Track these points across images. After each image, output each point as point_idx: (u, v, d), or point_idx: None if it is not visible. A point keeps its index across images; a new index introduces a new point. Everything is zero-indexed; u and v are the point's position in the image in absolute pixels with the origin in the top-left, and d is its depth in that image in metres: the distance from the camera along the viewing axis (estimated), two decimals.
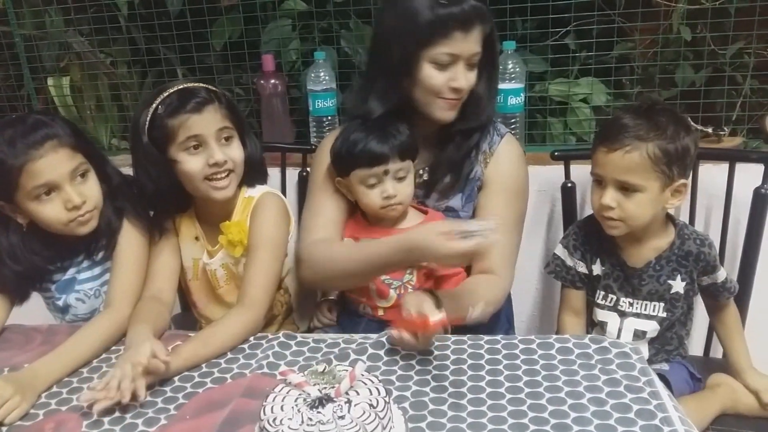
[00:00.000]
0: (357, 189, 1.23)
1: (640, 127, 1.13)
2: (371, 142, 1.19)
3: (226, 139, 1.20)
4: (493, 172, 1.28)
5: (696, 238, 1.24)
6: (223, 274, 1.30)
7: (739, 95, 1.68)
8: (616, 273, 1.26)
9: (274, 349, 1.09)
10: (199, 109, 1.16)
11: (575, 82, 1.73)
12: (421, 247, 1.05)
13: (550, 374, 0.98)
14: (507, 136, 1.31)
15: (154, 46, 1.97)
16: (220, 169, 1.19)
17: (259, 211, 1.24)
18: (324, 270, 1.21)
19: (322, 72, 1.72)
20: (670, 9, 1.64)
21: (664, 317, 1.25)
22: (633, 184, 1.14)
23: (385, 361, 1.05)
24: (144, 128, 1.16)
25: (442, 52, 1.16)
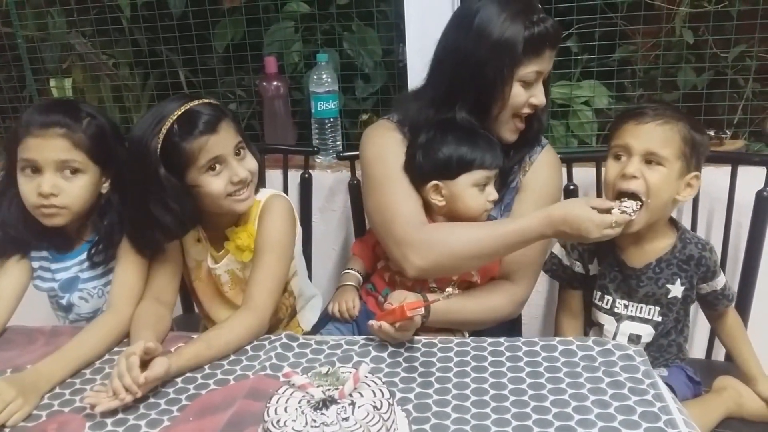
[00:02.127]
0: (465, 191, 1.21)
1: (670, 109, 1.18)
2: (487, 149, 1.21)
3: (240, 152, 1.19)
4: (531, 180, 1.30)
5: (698, 243, 1.24)
6: (228, 279, 1.29)
7: (741, 98, 1.69)
8: (613, 273, 1.26)
9: (276, 350, 1.09)
10: (214, 129, 1.13)
11: (577, 84, 1.73)
12: (572, 218, 1.07)
13: (553, 376, 0.98)
14: (548, 145, 1.34)
15: (156, 47, 1.97)
16: (241, 186, 1.18)
17: (267, 213, 1.23)
18: (450, 250, 1.15)
19: (324, 74, 1.73)
20: (673, 12, 1.64)
21: (659, 321, 1.24)
22: (662, 157, 1.14)
23: (389, 363, 1.05)
24: (158, 158, 1.11)
25: (532, 70, 1.20)
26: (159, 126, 1.12)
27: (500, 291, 1.26)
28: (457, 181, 1.21)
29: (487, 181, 1.22)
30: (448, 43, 1.25)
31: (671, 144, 1.15)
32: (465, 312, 1.22)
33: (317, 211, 1.75)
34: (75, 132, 1.18)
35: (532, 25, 1.16)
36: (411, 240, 1.17)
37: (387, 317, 1.06)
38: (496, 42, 1.17)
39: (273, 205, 1.25)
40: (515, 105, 1.22)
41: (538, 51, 1.18)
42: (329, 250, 1.80)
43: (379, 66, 1.85)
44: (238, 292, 1.29)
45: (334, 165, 1.77)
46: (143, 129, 1.13)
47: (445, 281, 1.25)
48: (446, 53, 1.25)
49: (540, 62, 1.19)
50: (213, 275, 1.30)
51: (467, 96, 1.22)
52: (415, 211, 1.21)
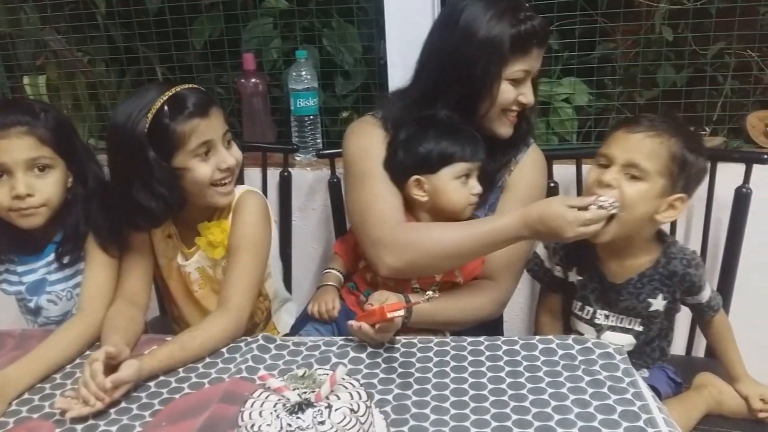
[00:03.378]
0: (448, 185, 1.19)
1: (667, 123, 1.13)
2: (467, 141, 1.20)
3: (228, 142, 1.17)
4: (515, 179, 1.29)
5: (683, 258, 1.18)
6: (198, 277, 1.26)
7: (720, 95, 1.69)
8: (593, 284, 1.23)
9: (253, 352, 1.07)
10: (206, 113, 1.11)
11: (557, 82, 1.72)
12: (547, 217, 1.04)
13: (533, 376, 0.97)
14: (533, 145, 1.33)
15: (132, 44, 1.93)
16: (228, 174, 1.16)
17: (241, 210, 1.21)
18: (427, 252, 1.14)
19: (303, 71, 1.71)
20: (652, 9, 1.65)
21: (641, 331, 1.23)
22: (642, 169, 1.08)
23: (367, 364, 1.03)
24: (145, 140, 1.09)
25: (521, 69, 1.18)
26: (146, 109, 1.09)
27: (483, 291, 1.25)
28: (438, 174, 1.20)
29: (469, 173, 1.21)
30: (434, 42, 1.24)
31: (656, 158, 1.09)
32: (448, 313, 1.21)
33: (297, 210, 1.73)
34: (37, 128, 1.15)
35: (519, 23, 1.15)
36: (385, 240, 1.16)
37: (367, 318, 1.04)
38: (482, 40, 1.15)
39: (247, 202, 1.22)
40: (504, 103, 1.20)
41: (526, 49, 1.17)
42: (309, 250, 1.78)
43: (359, 63, 1.83)
44: (209, 292, 1.27)
45: (314, 163, 1.75)
46: (127, 114, 1.10)
47: (428, 281, 1.24)
48: (432, 52, 1.24)
49: (528, 61, 1.18)
50: (183, 273, 1.27)
51: (454, 94, 1.20)
52: (392, 211, 1.20)
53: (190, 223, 1.23)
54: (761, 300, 1.57)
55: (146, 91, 1.12)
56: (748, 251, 1.44)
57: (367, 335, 1.05)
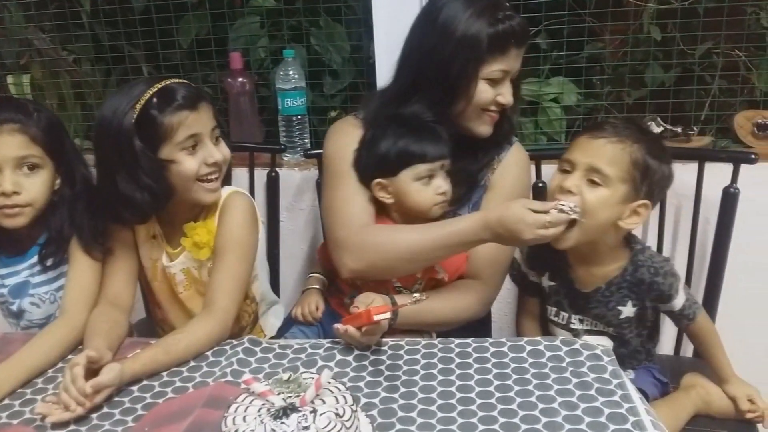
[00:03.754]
0: (409, 187, 1.18)
1: (630, 129, 1.12)
2: (427, 141, 1.17)
3: (217, 138, 1.17)
4: (499, 178, 1.28)
5: (651, 266, 1.15)
6: (183, 279, 1.24)
7: (708, 95, 1.69)
8: (565, 290, 1.23)
9: (238, 356, 1.05)
10: (195, 106, 1.11)
11: (546, 81, 1.72)
12: (506, 219, 1.03)
13: (521, 378, 0.96)
14: (516, 143, 1.32)
15: (118, 43, 1.91)
16: (215, 169, 1.15)
17: (228, 211, 1.19)
18: (386, 254, 1.14)
19: (291, 70, 1.69)
20: (640, 9, 1.64)
21: (615, 336, 1.21)
22: (603, 175, 1.07)
23: (354, 366, 1.02)
24: (132, 131, 1.08)
25: (498, 69, 1.17)
26: (135, 100, 1.09)
27: (470, 291, 1.24)
28: (398, 177, 1.18)
29: (431, 174, 1.18)
30: (413, 40, 1.23)
31: (618, 164, 1.08)
32: (434, 313, 1.20)
33: (284, 211, 1.72)
34: (29, 127, 1.15)
35: (497, 23, 1.14)
36: (347, 242, 1.16)
37: (353, 321, 1.03)
38: (460, 38, 1.14)
39: (234, 203, 1.21)
40: (481, 102, 1.19)
41: (504, 49, 1.16)
42: (297, 250, 1.77)
43: (347, 62, 1.82)
44: (194, 294, 1.25)
45: (302, 163, 1.73)
46: (114, 107, 1.10)
47: (410, 280, 1.22)
48: (411, 49, 1.23)
49: (506, 61, 1.17)
50: (167, 275, 1.25)
51: (430, 93, 1.19)
52: (358, 213, 1.19)
53: (175, 224, 1.22)
54: (749, 300, 1.58)
55: (135, 85, 1.12)
56: (736, 251, 1.44)
57: (353, 338, 1.04)
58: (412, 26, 1.24)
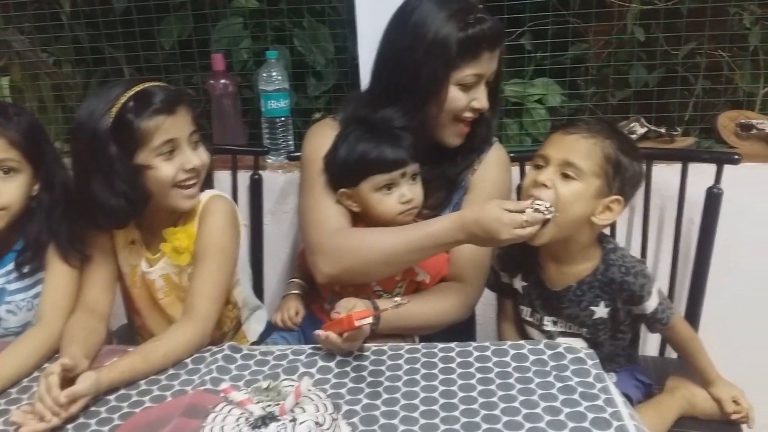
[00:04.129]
0: (371, 197, 1.17)
1: (604, 127, 1.13)
2: (385, 149, 1.15)
3: (195, 143, 1.15)
4: (479, 178, 1.27)
5: (622, 266, 1.15)
6: (163, 285, 1.22)
7: (692, 95, 1.70)
8: (537, 292, 1.23)
9: (218, 363, 1.03)
10: (173, 110, 1.09)
11: (530, 83, 1.71)
12: (482, 219, 1.02)
13: (504, 383, 0.96)
14: (496, 143, 1.31)
15: (99, 45, 1.89)
16: (192, 175, 1.13)
17: (208, 215, 1.18)
18: (361, 258, 1.12)
19: (274, 72, 1.67)
20: (624, 9, 1.64)
21: (589, 338, 1.21)
22: (577, 168, 1.08)
23: (336, 373, 1.01)
24: (108, 135, 1.06)
25: (470, 73, 1.15)
26: (111, 104, 1.06)
27: (452, 294, 1.23)
28: (359, 188, 1.17)
29: (391, 182, 1.17)
30: (386, 42, 1.21)
31: (591, 158, 1.09)
32: (417, 317, 1.19)
33: (268, 214, 1.70)
34: (8, 130, 1.13)
35: (467, 27, 1.12)
36: (321, 247, 1.15)
37: (334, 327, 1.02)
38: (430, 43, 1.13)
39: (215, 207, 1.19)
40: (454, 109, 1.18)
41: (475, 53, 1.14)
42: (281, 253, 1.75)
43: (331, 63, 1.80)
44: (174, 300, 1.23)
45: (286, 165, 1.71)
46: (91, 110, 1.08)
47: (390, 284, 1.21)
48: (385, 52, 1.21)
49: (478, 65, 1.15)
50: (147, 281, 1.23)
51: (403, 98, 1.18)
52: (332, 217, 1.18)
53: (154, 229, 1.20)
54: (733, 300, 1.58)
55: (113, 87, 1.10)
56: (720, 251, 1.45)
57: (334, 344, 1.02)
58: (387, 27, 1.22)
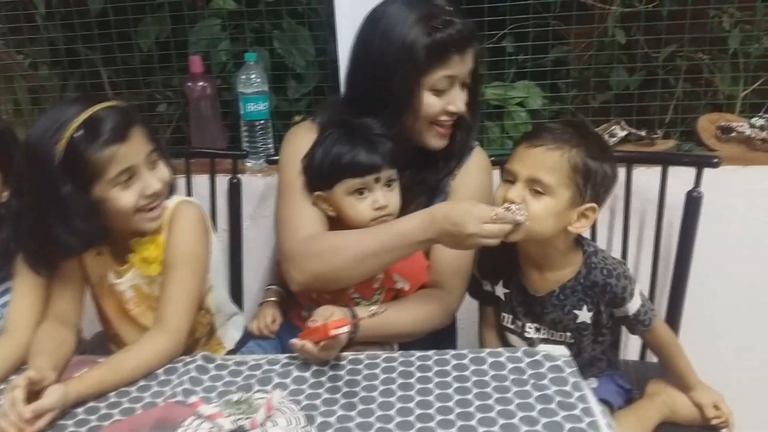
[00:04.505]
0: (343, 201, 1.15)
1: (568, 133, 1.10)
2: (360, 152, 1.13)
3: (153, 162, 1.10)
4: (460, 183, 1.26)
5: (603, 269, 1.14)
6: (133, 296, 1.20)
7: (672, 98, 1.69)
8: (519, 298, 1.22)
9: (190, 374, 1.01)
10: (124, 137, 1.03)
11: (511, 85, 1.70)
12: (453, 213, 1.00)
13: (481, 392, 0.95)
14: (477, 148, 1.29)
15: (75, 46, 1.85)
16: (154, 199, 1.10)
17: (176, 223, 1.15)
18: (329, 263, 1.10)
19: (253, 74, 1.65)
20: (605, 12, 1.64)
21: (572, 343, 1.20)
22: (545, 184, 1.06)
23: (311, 383, 0.99)
24: (59, 170, 1.00)
25: (441, 76, 1.14)
26: (59, 133, 1.00)
27: (433, 300, 1.22)
28: (333, 190, 1.16)
29: (364, 187, 1.15)
30: (357, 48, 1.20)
31: (557, 172, 1.07)
32: (396, 325, 1.17)
33: (248, 218, 1.68)
34: None
35: (434, 31, 1.11)
36: (292, 254, 1.13)
37: (310, 336, 1.00)
38: (398, 49, 1.12)
39: (182, 213, 1.16)
40: (429, 115, 1.17)
41: (443, 57, 1.13)
42: (261, 259, 1.73)
43: (312, 66, 1.78)
44: (145, 310, 1.20)
45: (265, 169, 1.69)
46: (40, 134, 1.02)
47: (368, 291, 1.19)
48: (356, 59, 1.20)
49: (448, 68, 1.14)
50: (116, 292, 1.20)
51: (380, 107, 1.16)
52: (305, 224, 1.16)
53: (121, 240, 1.16)
54: (714, 303, 1.58)
55: (62, 110, 1.04)
56: (700, 255, 1.44)
57: (310, 354, 1.00)
58: (357, 33, 1.21)
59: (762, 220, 1.55)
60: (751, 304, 1.61)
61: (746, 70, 1.65)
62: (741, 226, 1.55)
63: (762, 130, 1.61)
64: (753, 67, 1.65)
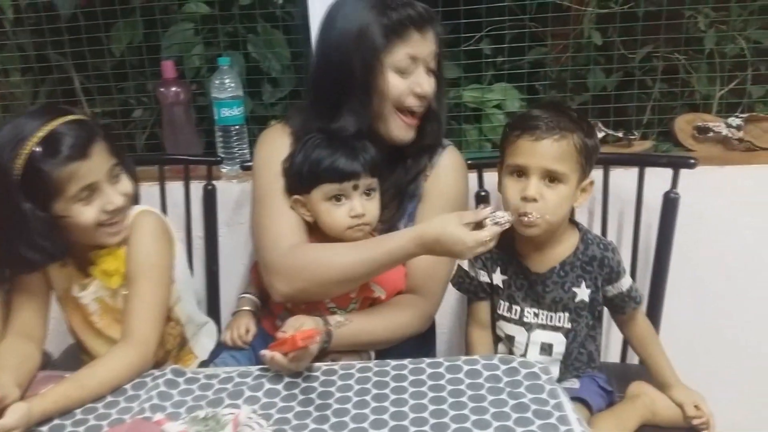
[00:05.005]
0: (320, 207, 1.13)
1: (564, 119, 1.13)
2: (340, 158, 1.11)
3: (115, 177, 1.08)
4: (433, 185, 1.24)
5: (599, 243, 1.21)
6: (97, 308, 1.17)
7: (650, 99, 1.69)
8: (519, 282, 1.22)
9: (159, 388, 0.98)
10: (85, 153, 1.01)
11: (488, 88, 1.69)
12: (445, 239, 1.01)
13: (456, 401, 0.93)
14: (449, 147, 1.27)
15: (46, 52, 1.82)
16: (115, 214, 1.08)
17: (136, 234, 1.12)
18: (317, 277, 1.09)
19: (227, 78, 1.63)
20: (581, 14, 1.63)
21: (569, 328, 1.21)
22: (561, 174, 1.10)
23: (283, 396, 0.97)
24: (18, 187, 0.98)
25: (403, 54, 1.13)
26: (18, 148, 0.98)
27: (409, 307, 1.20)
28: (310, 195, 1.14)
29: (341, 193, 1.13)
30: (318, 46, 1.19)
31: (569, 159, 1.11)
32: (372, 333, 1.15)
33: (223, 225, 1.65)
34: None
35: (388, 10, 1.11)
36: (276, 266, 1.12)
37: (280, 347, 0.98)
38: (356, 35, 1.12)
39: (143, 224, 1.13)
40: (396, 97, 1.15)
41: (401, 34, 1.12)
42: (238, 266, 1.70)
43: (287, 69, 1.76)
44: (111, 322, 1.17)
45: (241, 175, 1.67)
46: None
47: (344, 300, 1.18)
48: (319, 58, 1.19)
49: (408, 46, 1.13)
50: (80, 304, 1.17)
51: (347, 98, 1.15)
52: (285, 233, 1.14)
53: (83, 252, 1.14)
54: (691, 305, 1.59)
55: (22, 124, 1.01)
56: (679, 256, 1.44)
57: (280, 365, 0.98)
58: (318, 35, 1.20)
59: (739, 220, 1.55)
60: (731, 304, 1.61)
61: (722, 70, 1.65)
62: (719, 226, 1.56)
63: (738, 130, 1.61)
64: (729, 67, 1.65)
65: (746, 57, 1.63)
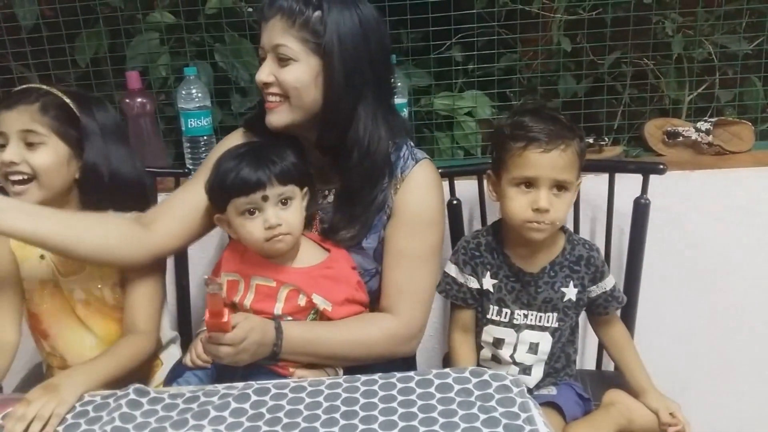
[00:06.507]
0: (236, 222, 1.10)
1: (563, 127, 1.14)
2: (243, 169, 1.07)
3: (30, 144, 1.11)
4: (402, 201, 1.18)
5: (584, 243, 1.24)
6: (83, 297, 1.17)
7: (620, 104, 1.70)
8: (510, 285, 1.22)
9: (121, 410, 0.95)
10: (9, 105, 1.10)
11: (459, 95, 1.69)
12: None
13: (427, 417, 0.90)
14: (423, 161, 1.20)
15: (7, 64, 1.77)
16: (12, 170, 1.10)
17: None
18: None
19: (193, 89, 1.60)
20: (549, 20, 1.63)
21: (556, 327, 1.22)
22: (568, 182, 1.13)
23: (250, 415, 0.94)
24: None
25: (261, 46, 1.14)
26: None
27: (374, 324, 1.16)
28: (227, 212, 1.11)
29: (253, 206, 1.08)
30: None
31: (573, 166, 1.14)
32: (330, 344, 1.12)
33: None
34: None
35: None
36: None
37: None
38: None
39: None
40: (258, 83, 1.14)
41: (260, 27, 1.14)
42: None
43: None
44: (94, 313, 1.18)
45: None
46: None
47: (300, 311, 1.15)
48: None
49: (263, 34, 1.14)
50: (64, 292, 1.17)
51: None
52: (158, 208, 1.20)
53: None
54: (663, 310, 1.59)
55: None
56: (651, 261, 1.44)
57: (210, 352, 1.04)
58: None
59: (710, 224, 1.56)
60: (702, 308, 1.62)
61: (690, 74, 1.66)
62: (689, 230, 1.56)
63: (708, 134, 1.62)
64: (697, 71, 1.66)
65: (714, 61, 1.65)
